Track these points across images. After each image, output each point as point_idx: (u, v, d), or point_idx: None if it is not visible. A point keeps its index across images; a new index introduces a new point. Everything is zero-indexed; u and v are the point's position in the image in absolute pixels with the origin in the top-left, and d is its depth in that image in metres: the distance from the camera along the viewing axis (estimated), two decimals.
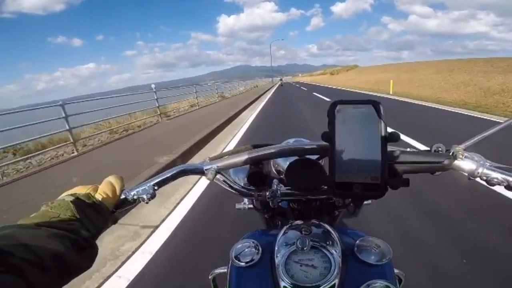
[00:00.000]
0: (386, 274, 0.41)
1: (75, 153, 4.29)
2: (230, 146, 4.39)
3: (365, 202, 0.56)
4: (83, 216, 0.33)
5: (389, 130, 0.34)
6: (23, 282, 0.23)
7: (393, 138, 0.33)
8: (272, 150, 0.48)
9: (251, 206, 0.56)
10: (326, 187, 0.46)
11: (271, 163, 0.66)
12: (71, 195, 0.35)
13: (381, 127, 0.34)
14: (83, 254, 0.30)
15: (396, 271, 0.60)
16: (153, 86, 7.14)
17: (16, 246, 0.25)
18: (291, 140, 0.69)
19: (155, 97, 6.98)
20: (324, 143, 0.36)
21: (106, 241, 1.81)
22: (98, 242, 0.34)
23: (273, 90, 21.24)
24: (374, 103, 0.34)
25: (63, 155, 4.44)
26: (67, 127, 4.26)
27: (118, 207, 0.41)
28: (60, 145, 4.51)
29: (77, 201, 0.34)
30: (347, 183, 0.34)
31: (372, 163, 0.34)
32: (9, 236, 0.25)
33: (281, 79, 42.32)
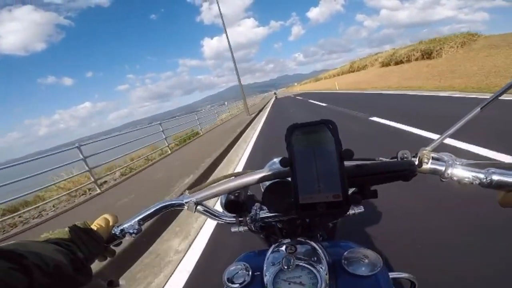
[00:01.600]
0: (379, 284, 0.41)
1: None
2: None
3: (357, 211, 0.56)
4: (78, 240, 0.39)
5: (344, 147, 0.35)
6: (27, 281, 0.29)
7: (347, 155, 0.34)
8: (246, 178, 0.50)
9: (246, 228, 0.58)
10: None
11: (261, 185, 0.67)
12: (69, 226, 0.42)
13: (335, 146, 0.35)
14: (78, 272, 0.36)
15: (405, 275, 0.60)
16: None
17: (29, 252, 0.31)
18: (276, 160, 0.71)
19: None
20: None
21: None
22: None
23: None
24: (327, 122, 0.36)
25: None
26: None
27: (110, 241, 0.48)
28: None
29: (74, 228, 0.41)
30: (311, 204, 0.35)
31: (332, 181, 0.34)
32: (23, 245, 0.32)
33: (275, 93, 43.52)
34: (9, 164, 3.62)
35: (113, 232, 0.48)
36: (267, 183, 0.52)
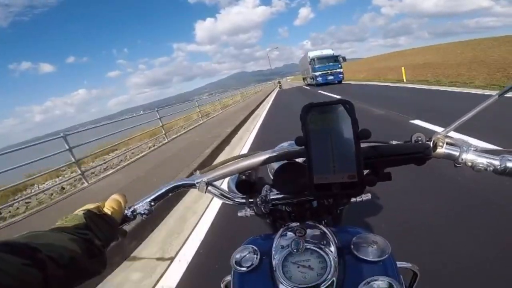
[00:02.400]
0: (387, 270, 0.41)
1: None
2: None
3: (365, 198, 0.57)
4: (94, 227, 0.38)
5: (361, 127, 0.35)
6: (41, 275, 0.27)
7: (364, 135, 0.34)
8: (257, 158, 0.50)
9: (252, 212, 0.58)
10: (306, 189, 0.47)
11: (268, 168, 0.69)
12: (83, 210, 0.40)
13: (352, 126, 0.35)
14: (94, 261, 0.35)
15: (408, 265, 0.60)
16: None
17: (43, 244, 0.30)
18: (285, 144, 0.70)
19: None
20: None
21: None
22: None
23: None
24: (344, 102, 0.36)
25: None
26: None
27: (122, 223, 0.46)
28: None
29: (89, 214, 0.39)
30: (326, 184, 0.35)
31: (348, 162, 0.34)
32: (36, 236, 0.31)
33: (279, 82, 37.32)
34: None
35: (125, 214, 0.47)
36: (276, 166, 0.52)
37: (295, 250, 0.42)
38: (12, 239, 0.29)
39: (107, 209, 0.43)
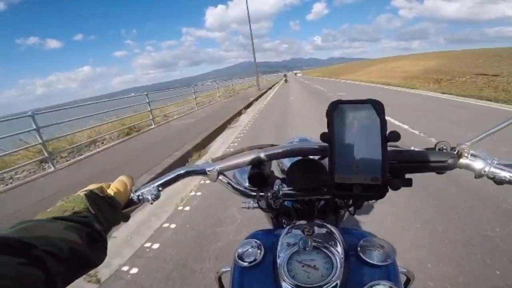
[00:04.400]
0: (390, 275, 0.41)
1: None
2: None
3: (370, 201, 0.58)
4: (96, 209, 0.35)
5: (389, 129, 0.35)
6: (43, 274, 0.25)
7: (393, 137, 0.34)
8: (273, 151, 0.49)
9: (256, 205, 0.58)
10: (326, 188, 0.46)
11: (276, 163, 0.69)
12: (85, 190, 0.38)
13: (381, 127, 0.34)
14: (95, 247, 0.33)
15: (404, 270, 0.60)
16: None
17: (37, 238, 0.27)
18: (296, 139, 0.71)
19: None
20: (325, 143, 0.37)
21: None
22: None
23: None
24: (374, 102, 0.35)
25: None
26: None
27: (127, 206, 0.44)
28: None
29: (91, 195, 0.37)
30: (347, 184, 0.35)
31: (372, 164, 0.34)
32: (29, 229, 0.28)
33: (285, 75, 38.07)
34: None
35: (130, 197, 0.45)
36: (287, 161, 0.54)
37: (302, 249, 0.42)
38: (4, 235, 0.26)
39: (112, 191, 0.41)
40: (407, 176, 0.40)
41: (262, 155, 0.49)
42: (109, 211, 0.38)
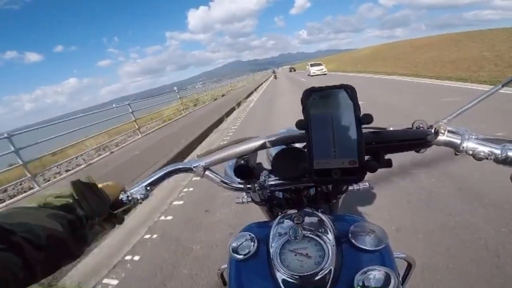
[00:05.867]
0: (384, 260, 0.41)
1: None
2: None
3: (362, 186, 0.58)
4: (80, 196, 0.35)
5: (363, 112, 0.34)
6: (20, 259, 0.26)
7: (366, 120, 0.34)
8: (256, 142, 0.50)
9: (249, 199, 0.58)
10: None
11: (266, 154, 0.68)
12: (73, 180, 0.37)
13: (354, 110, 0.34)
14: (75, 236, 0.32)
15: (402, 255, 0.60)
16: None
17: (17, 224, 0.27)
18: (284, 130, 0.70)
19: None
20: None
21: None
22: None
23: None
24: (346, 87, 0.35)
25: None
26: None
27: (117, 208, 0.44)
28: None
29: (77, 182, 0.37)
30: (326, 170, 0.35)
31: (349, 147, 0.34)
32: (10, 215, 0.28)
33: (274, 71, 36.84)
34: None
35: (120, 198, 0.45)
36: (274, 151, 0.52)
37: (293, 238, 0.42)
38: None
39: (100, 184, 0.41)
40: (387, 157, 0.40)
41: (245, 147, 0.50)
42: (94, 199, 0.37)
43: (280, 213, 0.59)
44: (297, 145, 0.51)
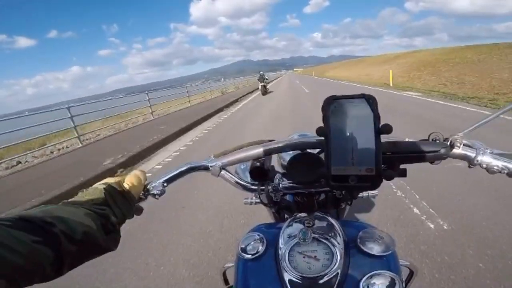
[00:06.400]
0: (390, 266, 0.42)
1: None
2: None
3: (371, 194, 0.59)
4: (112, 203, 0.38)
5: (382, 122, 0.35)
6: (53, 254, 0.28)
7: (385, 130, 0.34)
8: (272, 146, 0.51)
9: (258, 200, 0.59)
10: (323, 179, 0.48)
11: (277, 158, 0.70)
12: (103, 183, 0.40)
13: (374, 120, 0.35)
14: (108, 238, 0.35)
15: (406, 263, 0.60)
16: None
17: (57, 218, 0.30)
18: (295, 135, 0.72)
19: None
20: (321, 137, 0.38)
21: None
22: None
23: None
24: (367, 97, 0.36)
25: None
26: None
27: (138, 200, 0.46)
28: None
29: (109, 188, 0.39)
30: (343, 176, 0.36)
31: (367, 156, 0.35)
32: (50, 211, 0.31)
33: (261, 76, 13.81)
34: None
35: (141, 194, 0.47)
36: (287, 156, 0.56)
37: (302, 240, 0.43)
38: (27, 213, 0.29)
39: (127, 185, 0.43)
40: (402, 166, 0.41)
41: (261, 149, 0.51)
42: (125, 205, 0.40)
43: (288, 216, 0.60)
44: (311, 151, 0.52)
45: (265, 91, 13.41)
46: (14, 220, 0.27)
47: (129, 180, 0.44)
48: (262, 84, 13.47)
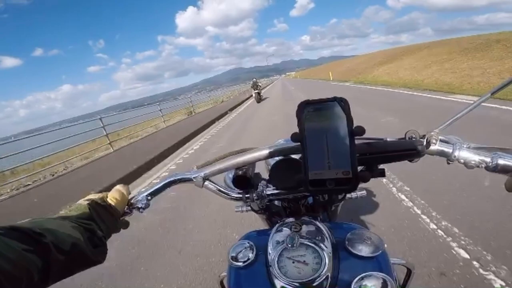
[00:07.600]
0: (380, 266, 0.42)
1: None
2: None
3: (359, 194, 0.59)
4: (98, 218, 0.39)
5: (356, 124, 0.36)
6: (41, 262, 0.28)
7: (358, 131, 0.35)
8: (254, 154, 0.52)
9: (249, 208, 0.60)
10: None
11: (265, 164, 0.71)
12: (87, 200, 0.41)
13: (347, 122, 0.36)
14: (95, 251, 0.36)
15: (402, 261, 0.61)
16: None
17: (47, 230, 0.31)
18: (281, 140, 0.73)
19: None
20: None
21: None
22: None
23: None
24: (339, 99, 0.37)
25: None
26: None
27: (122, 215, 0.47)
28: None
29: (93, 204, 0.40)
30: (321, 180, 0.36)
31: (342, 158, 0.35)
32: (41, 222, 0.32)
33: (255, 84, 14.27)
34: None
35: (125, 209, 0.48)
36: (272, 162, 0.55)
37: (290, 246, 0.43)
38: (18, 224, 0.30)
39: (111, 200, 0.44)
40: (380, 166, 0.42)
41: (243, 158, 0.52)
42: (110, 219, 0.41)
43: (278, 222, 0.61)
44: (295, 156, 0.53)
45: (259, 99, 13.60)
46: (6, 229, 0.28)
47: (112, 196, 0.45)
48: (256, 91, 13.67)
